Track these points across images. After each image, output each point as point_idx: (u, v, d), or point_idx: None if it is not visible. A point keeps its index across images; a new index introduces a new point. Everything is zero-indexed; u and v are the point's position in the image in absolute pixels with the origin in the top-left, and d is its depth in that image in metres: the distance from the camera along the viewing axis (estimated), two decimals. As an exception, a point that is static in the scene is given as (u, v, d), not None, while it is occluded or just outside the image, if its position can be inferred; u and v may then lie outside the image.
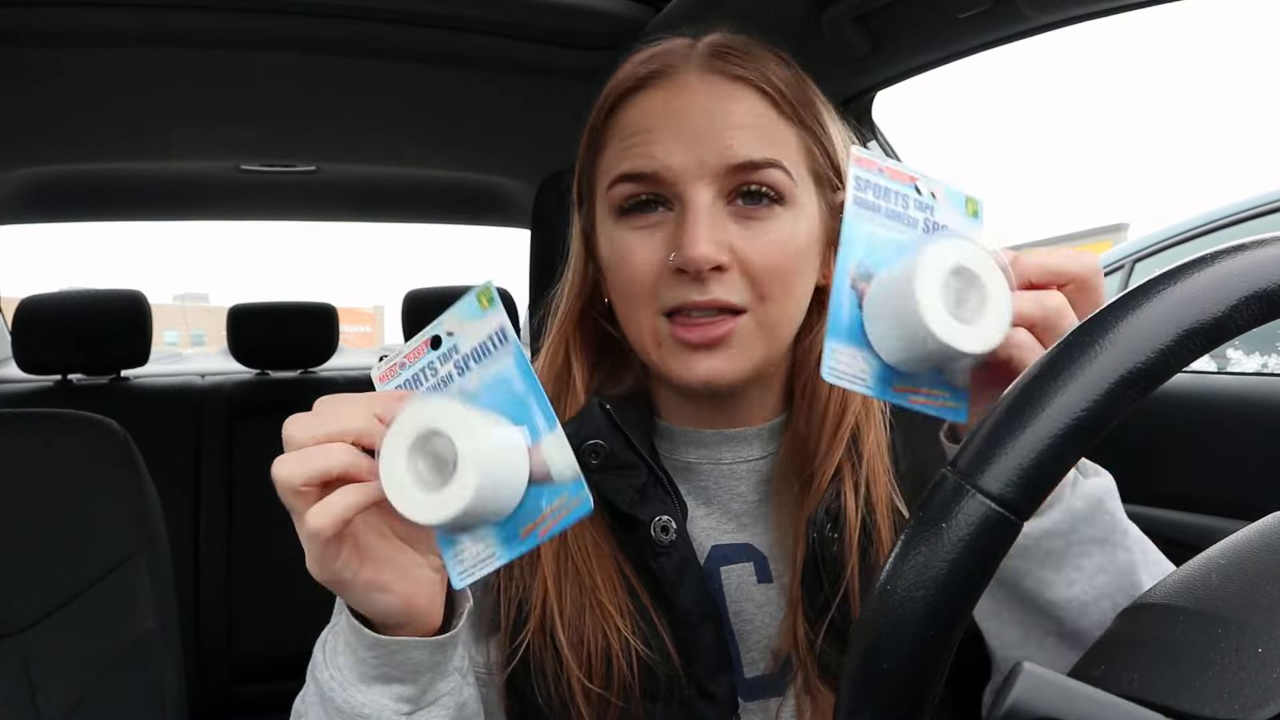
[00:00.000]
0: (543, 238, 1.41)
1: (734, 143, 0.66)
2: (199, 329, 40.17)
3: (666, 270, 0.66)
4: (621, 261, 0.69)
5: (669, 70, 0.69)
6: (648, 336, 0.69)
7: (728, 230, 0.66)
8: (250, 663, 2.08)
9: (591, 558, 0.70)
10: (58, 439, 1.08)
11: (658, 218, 0.68)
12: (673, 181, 0.66)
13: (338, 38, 1.45)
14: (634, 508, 0.69)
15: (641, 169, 0.67)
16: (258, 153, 2.08)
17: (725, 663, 0.70)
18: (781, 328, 0.69)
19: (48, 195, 2.19)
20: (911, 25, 1.20)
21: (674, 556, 0.69)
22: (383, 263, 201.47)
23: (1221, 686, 0.35)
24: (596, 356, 0.77)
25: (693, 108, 0.67)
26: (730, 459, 0.74)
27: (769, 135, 0.67)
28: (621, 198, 0.69)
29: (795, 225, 0.68)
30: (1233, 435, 1.11)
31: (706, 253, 0.64)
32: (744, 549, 0.74)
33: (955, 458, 0.36)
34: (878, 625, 0.36)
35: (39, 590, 1.01)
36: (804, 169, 0.69)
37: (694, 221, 0.65)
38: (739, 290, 0.66)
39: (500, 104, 1.77)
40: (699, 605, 0.69)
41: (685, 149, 0.66)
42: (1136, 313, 0.35)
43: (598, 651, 0.68)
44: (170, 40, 1.45)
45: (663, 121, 0.68)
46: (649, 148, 0.67)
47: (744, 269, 0.66)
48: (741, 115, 0.67)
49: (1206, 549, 0.43)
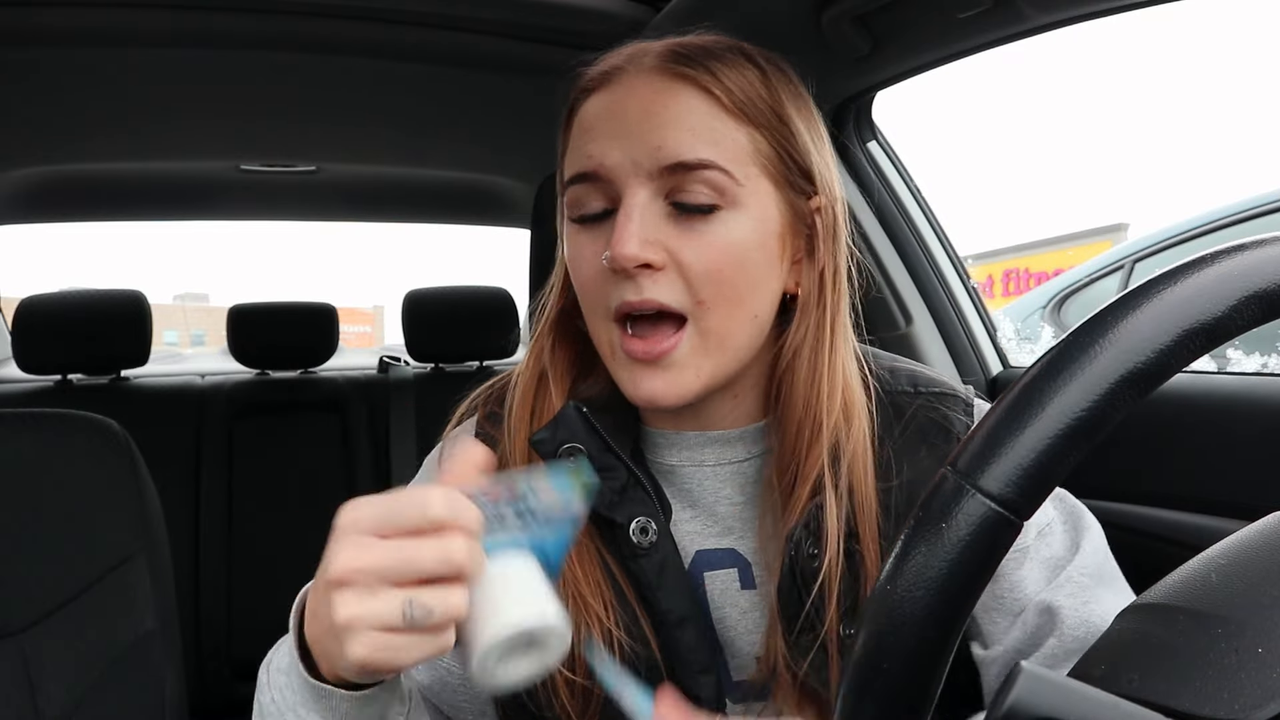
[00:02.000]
0: (543, 238, 1.41)
1: (664, 143, 0.65)
2: (199, 329, 40.15)
3: (608, 271, 0.66)
4: (573, 264, 0.70)
5: (616, 72, 0.69)
6: (604, 346, 0.69)
7: (662, 230, 0.65)
8: (250, 663, 2.05)
9: (575, 559, 0.70)
10: (58, 439, 1.08)
11: (605, 222, 0.68)
12: (610, 180, 0.66)
13: (338, 38, 1.45)
14: (612, 510, 0.69)
15: (582, 168, 0.67)
16: (258, 153, 2.08)
17: (709, 665, 0.70)
18: (729, 340, 0.67)
19: (48, 195, 2.19)
20: (911, 25, 1.20)
21: (654, 558, 0.69)
22: (383, 263, 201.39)
23: (1221, 686, 0.35)
24: (580, 359, 0.76)
25: (630, 107, 0.67)
26: (713, 461, 0.74)
27: (707, 135, 0.66)
28: (572, 201, 0.69)
29: (739, 228, 0.66)
30: (1233, 435, 1.11)
31: (631, 251, 0.63)
32: (728, 554, 0.73)
33: (955, 457, 0.36)
34: (878, 625, 0.36)
35: (39, 590, 1.01)
36: (753, 168, 0.67)
37: (624, 219, 0.64)
38: (676, 293, 0.65)
39: (500, 104, 1.77)
40: (679, 607, 0.69)
41: (620, 148, 0.66)
42: (1136, 313, 0.35)
43: (580, 654, 0.67)
44: (171, 40, 1.45)
45: (604, 121, 0.67)
46: (590, 147, 0.67)
47: (680, 271, 0.65)
48: (678, 114, 0.66)
49: (1206, 549, 0.43)
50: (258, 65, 1.57)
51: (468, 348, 2.42)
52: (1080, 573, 0.70)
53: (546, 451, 0.69)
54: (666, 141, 0.65)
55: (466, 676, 0.48)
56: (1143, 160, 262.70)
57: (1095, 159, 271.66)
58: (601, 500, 0.68)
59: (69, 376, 2.19)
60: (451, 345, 2.41)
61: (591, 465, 0.68)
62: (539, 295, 0.78)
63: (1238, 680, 0.35)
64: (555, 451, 0.69)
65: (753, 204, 0.67)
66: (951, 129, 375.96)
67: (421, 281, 7.43)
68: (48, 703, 0.98)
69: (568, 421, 0.70)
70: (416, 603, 0.46)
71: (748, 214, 0.67)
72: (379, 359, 2.54)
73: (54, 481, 1.05)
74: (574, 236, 0.70)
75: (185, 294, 56.93)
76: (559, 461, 0.67)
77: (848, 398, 0.71)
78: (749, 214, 0.67)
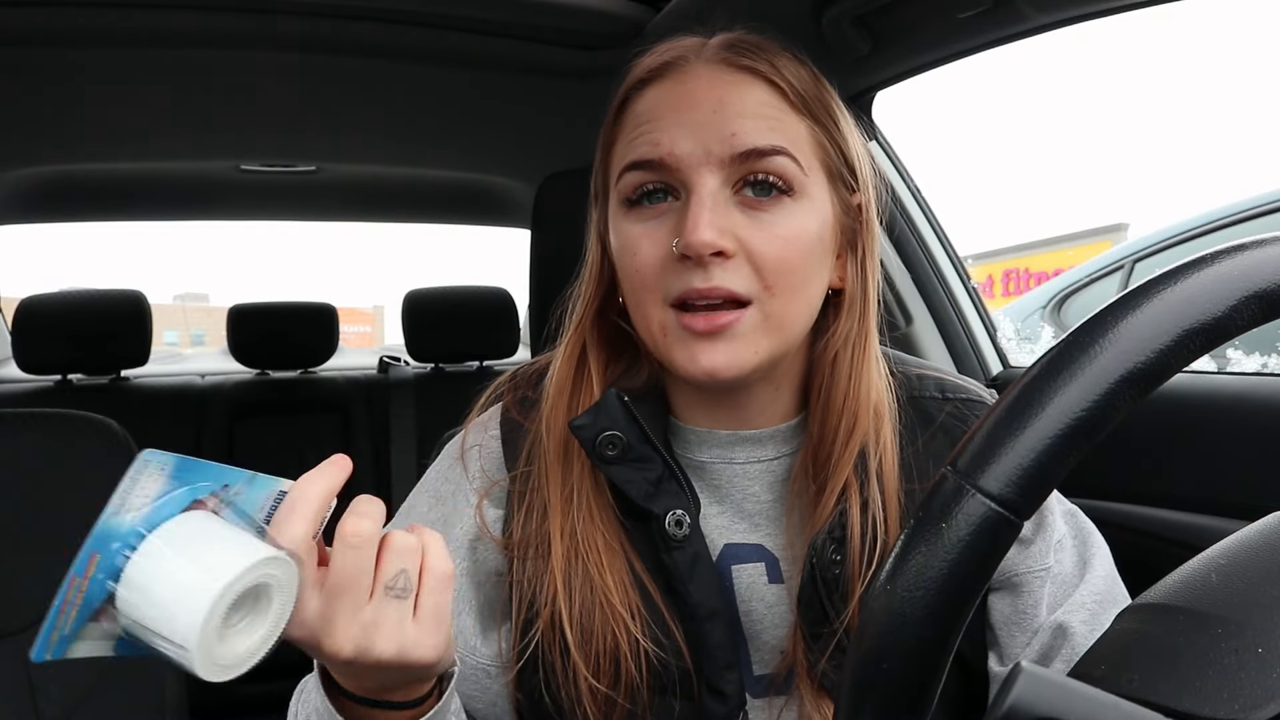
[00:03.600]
0: (543, 238, 1.41)
1: (739, 130, 0.65)
2: (199, 329, 40.14)
3: (672, 259, 0.66)
4: (629, 253, 0.69)
5: (679, 62, 0.69)
6: (655, 328, 0.68)
7: (733, 219, 0.66)
8: (250, 663, 2.07)
9: (602, 557, 0.70)
10: (58, 439, 1.08)
11: (665, 207, 0.68)
12: (678, 169, 0.66)
13: (338, 38, 1.45)
14: (649, 501, 0.69)
15: (647, 156, 0.67)
16: (258, 153, 2.08)
17: (734, 660, 0.70)
18: (789, 324, 0.68)
19: (48, 195, 2.19)
20: (911, 25, 1.20)
21: (687, 551, 0.69)
22: (383, 263, 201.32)
23: (1221, 686, 0.35)
24: (614, 354, 0.76)
25: (700, 96, 0.67)
26: (743, 459, 0.74)
27: (777, 124, 0.67)
28: (630, 188, 0.68)
29: (804, 218, 0.67)
30: (1233, 435, 1.11)
31: (709, 238, 0.63)
32: (756, 549, 0.74)
33: (955, 457, 0.36)
34: (878, 625, 0.36)
35: (39, 590, 1.01)
36: (815, 161, 0.68)
37: (697, 207, 0.64)
38: (745, 280, 0.65)
39: (500, 104, 1.77)
40: (709, 600, 0.69)
41: (691, 136, 0.66)
42: (1136, 313, 0.35)
43: (606, 651, 0.68)
44: (170, 40, 1.45)
45: (669, 110, 0.68)
46: (655, 135, 0.67)
47: (750, 259, 0.65)
48: (749, 104, 0.67)
49: (1206, 549, 0.43)
50: (258, 65, 1.57)
51: (468, 348, 2.43)
52: (1092, 597, 0.70)
53: (586, 437, 0.69)
54: (741, 129, 0.65)
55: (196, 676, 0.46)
56: (1143, 160, 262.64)
57: (1095, 159, 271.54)
58: (637, 491, 0.69)
59: (69, 376, 2.20)
60: (451, 345, 2.41)
61: (626, 455, 0.69)
62: (564, 291, 0.78)
63: (1238, 680, 0.35)
64: (595, 438, 0.69)
65: (815, 194, 0.68)
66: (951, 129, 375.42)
67: (421, 281, 7.42)
68: (48, 703, 0.98)
69: (609, 409, 0.70)
70: (404, 573, 0.52)
71: (811, 204, 0.68)
72: (379, 359, 2.54)
73: (54, 481, 1.05)
74: (627, 224, 0.69)
75: (185, 294, 56.90)
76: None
77: (878, 396, 0.71)
78: (812, 204, 0.68)
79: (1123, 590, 0.72)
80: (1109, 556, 0.74)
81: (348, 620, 0.50)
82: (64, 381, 2.19)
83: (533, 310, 1.45)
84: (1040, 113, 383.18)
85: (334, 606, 0.50)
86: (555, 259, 0.77)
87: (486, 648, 0.72)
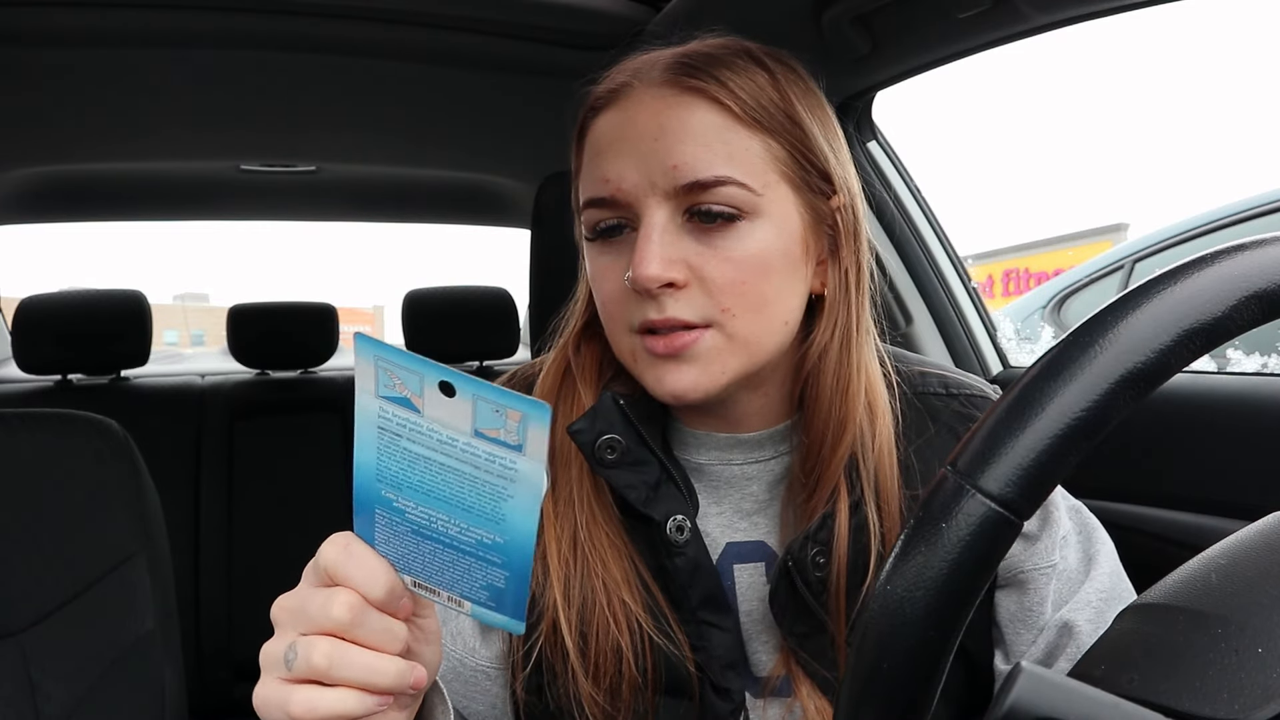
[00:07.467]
0: (543, 238, 1.41)
1: (680, 162, 0.64)
2: (199, 329, 40.16)
3: (629, 289, 0.66)
4: (597, 284, 0.70)
5: (625, 88, 0.68)
6: (627, 354, 0.69)
7: (684, 246, 0.65)
8: (250, 663, 2.07)
9: (606, 555, 0.70)
10: (58, 439, 1.08)
11: (623, 240, 0.68)
12: (628, 203, 0.66)
13: (338, 38, 1.45)
14: (648, 506, 0.69)
15: (599, 194, 0.67)
16: (258, 153, 2.08)
17: (736, 659, 0.70)
18: (755, 341, 0.67)
19: (48, 195, 2.19)
20: (911, 25, 1.20)
21: (688, 554, 0.69)
22: (383, 263, 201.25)
23: (1221, 686, 0.35)
24: (605, 362, 0.76)
25: (642, 124, 0.66)
26: (741, 460, 0.74)
27: (722, 149, 0.65)
28: (590, 224, 0.69)
29: (761, 236, 0.66)
30: (1233, 435, 1.11)
31: (654, 272, 0.63)
32: (758, 547, 0.74)
33: (954, 457, 0.36)
34: (878, 625, 0.36)
35: (39, 590, 1.01)
36: (773, 175, 0.66)
37: (644, 242, 0.64)
38: (698, 308, 0.65)
39: (500, 104, 1.77)
40: (711, 602, 0.69)
41: (636, 169, 0.65)
42: (1136, 313, 0.35)
43: (608, 652, 0.68)
44: (170, 40, 1.45)
45: (617, 139, 0.67)
46: (604, 170, 0.67)
47: (703, 285, 0.65)
48: (691, 128, 0.65)
49: (1206, 549, 0.43)
50: (258, 65, 1.57)
51: (468, 348, 2.42)
52: (1098, 594, 0.70)
53: (585, 441, 0.69)
54: (682, 160, 0.64)
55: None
56: (1143, 160, 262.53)
57: (1095, 159, 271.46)
58: (637, 496, 0.68)
59: (69, 376, 2.19)
60: (451, 345, 2.41)
61: (625, 458, 0.68)
62: (561, 308, 0.78)
63: (1238, 680, 0.35)
64: (594, 442, 0.68)
65: (773, 211, 0.66)
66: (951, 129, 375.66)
67: (421, 282, 7.43)
68: (47, 703, 0.98)
69: (606, 412, 0.69)
70: (293, 646, 0.47)
71: (769, 222, 0.66)
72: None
73: (54, 481, 1.05)
74: (594, 256, 0.70)
75: (185, 294, 56.93)
76: None
77: (871, 397, 0.71)
78: (770, 222, 0.66)
79: (1128, 586, 0.72)
80: (1114, 552, 0.74)
81: (280, 696, 0.47)
82: (64, 381, 2.19)
83: (533, 310, 1.46)
84: (1040, 113, 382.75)
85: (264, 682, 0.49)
86: (555, 259, 0.77)
87: (486, 649, 0.72)
